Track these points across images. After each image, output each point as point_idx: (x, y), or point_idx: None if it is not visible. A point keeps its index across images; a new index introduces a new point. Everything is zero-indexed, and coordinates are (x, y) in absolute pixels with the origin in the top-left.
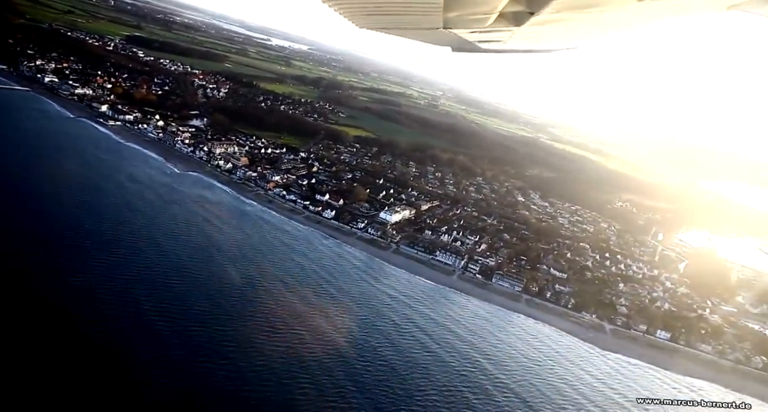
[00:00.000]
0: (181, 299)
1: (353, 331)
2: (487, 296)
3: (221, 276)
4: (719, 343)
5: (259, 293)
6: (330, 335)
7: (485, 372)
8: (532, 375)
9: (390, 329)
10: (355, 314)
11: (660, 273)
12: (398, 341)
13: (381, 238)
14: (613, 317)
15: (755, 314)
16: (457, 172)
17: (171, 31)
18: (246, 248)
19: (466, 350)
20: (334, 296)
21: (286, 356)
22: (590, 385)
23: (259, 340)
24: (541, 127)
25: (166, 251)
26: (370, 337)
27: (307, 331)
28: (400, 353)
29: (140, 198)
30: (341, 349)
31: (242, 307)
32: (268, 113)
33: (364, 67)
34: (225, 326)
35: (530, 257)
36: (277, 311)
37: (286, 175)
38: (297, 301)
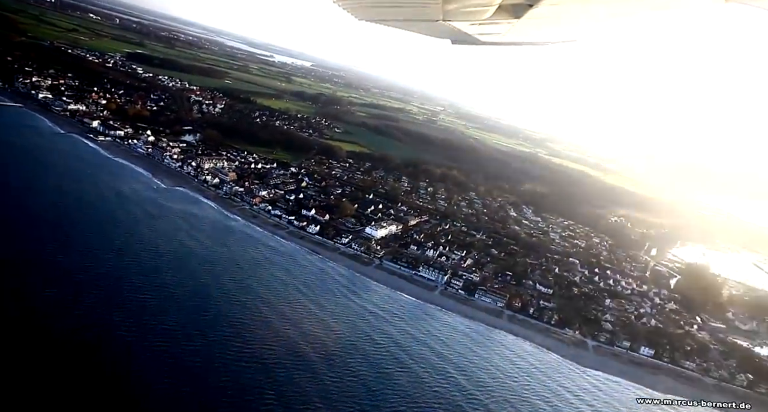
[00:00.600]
0: (154, 313)
1: (327, 346)
2: (468, 312)
3: (198, 291)
4: (704, 360)
5: (234, 307)
6: (303, 349)
7: (460, 388)
8: (507, 391)
9: (365, 344)
10: (331, 329)
11: (649, 289)
12: (372, 356)
13: (364, 253)
14: (597, 334)
15: (744, 331)
16: (449, 188)
17: (173, 48)
18: (225, 263)
19: (442, 365)
20: (311, 311)
21: (254, 371)
22: (567, 402)
23: (229, 355)
24: (540, 143)
25: (144, 264)
26: (344, 352)
27: (279, 346)
28: (373, 367)
29: (123, 212)
30: (312, 364)
31: (215, 321)
32: (262, 129)
33: (365, 83)
34: (194, 341)
35: (516, 273)
36: (251, 326)
37: (274, 191)
38: (273, 316)
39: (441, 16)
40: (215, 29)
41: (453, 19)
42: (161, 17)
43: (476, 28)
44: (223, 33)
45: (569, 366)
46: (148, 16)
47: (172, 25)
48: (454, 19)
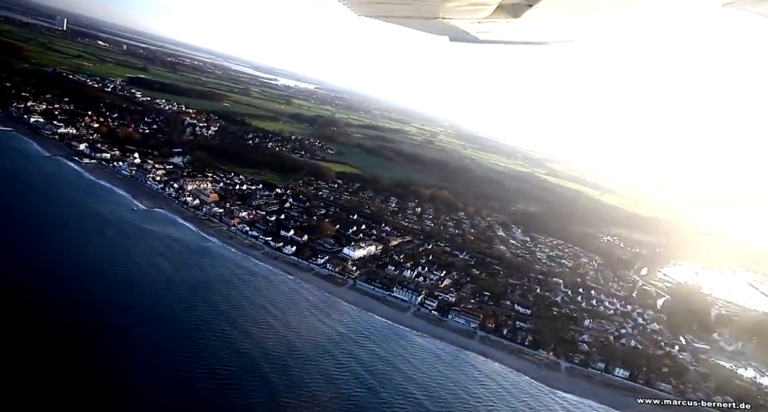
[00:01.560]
0: (116, 334)
1: (288, 365)
2: (439, 333)
3: (161, 311)
4: (681, 382)
5: (199, 328)
6: (261, 368)
7: (421, 408)
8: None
9: (328, 364)
10: (295, 349)
11: (633, 309)
12: (334, 376)
13: (339, 274)
14: (572, 355)
15: (729, 352)
16: (438, 208)
17: (176, 73)
18: (193, 283)
19: (405, 386)
20: (276, 331)
21: (208, 392)
22: None
23: (182, 374)
24: (539, 162)
25: (112, 284)
26: (304, 372)
27: (239, 366)
28: (333, 387)
29: (97, 233)
30: (269, 382)
31: (176, 343)
32: (253, 150)
33: (367, 105)
34: (152, 362)
35: (495, 293)
36: (213, 346)
37: (255, 211)
38: (237, 335)
39: (440, 13)
40: (223, 54)
41: (452, 17)
42: (171, 43)
43: (475, 26)
44: (230, 57)
45: (538, 388)
46: (157, 42)
47: (180, 50)
48: (452, 17)
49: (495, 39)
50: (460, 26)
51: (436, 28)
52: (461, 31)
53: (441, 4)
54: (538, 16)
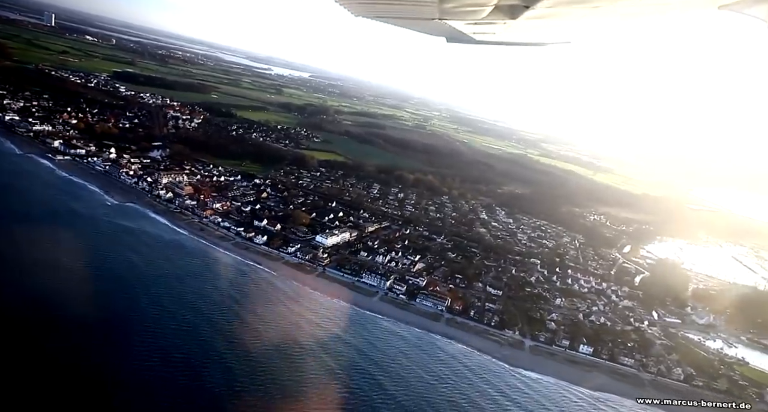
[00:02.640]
0: (62, 330)
1: (249, 349)
2: (404, 317)
3: (125, 304)
4: (645, 356)
5: (163, 318)
6: (224, 354)
7: (379, 388)
8: (427, 391)
9: (289, 347)
10: (258, 334)
11: (608, 286)
12: (294, 359)
13: (309, 262)
14: (537, 334)
15: (700, 325)
16: (421, 193)
17: (165, 66)
18: (157, 275)
19: (366, 368)
20: (241, 318)
21: (172, 375)
22: (490, 399)
23: (148, 364)
24: (533, 143)
25: (75, 277)
26: (265, 356)
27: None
28: (293, 369)
29: (64, 228)
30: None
31: (135, 330)
32: (235, 141)
33: (362, 92)
34: (112, 349)
35: (468, 275)
36: (170, 334)
37: (230, 203)
38: (200, 322)
39: (437, 14)
40: (218, 45)
41: (449, 18)
42: (165, 36)
43: (472, 27)
44: (225, 48)
45: (499, 366)
46: (151, 35)
47: (174, 42)
48: (450, 18)
49: (492, 40)
50: (458, 27)
51: (433, 28)
52: (458, 32)
53: (438, 5)
54: (535, 17)
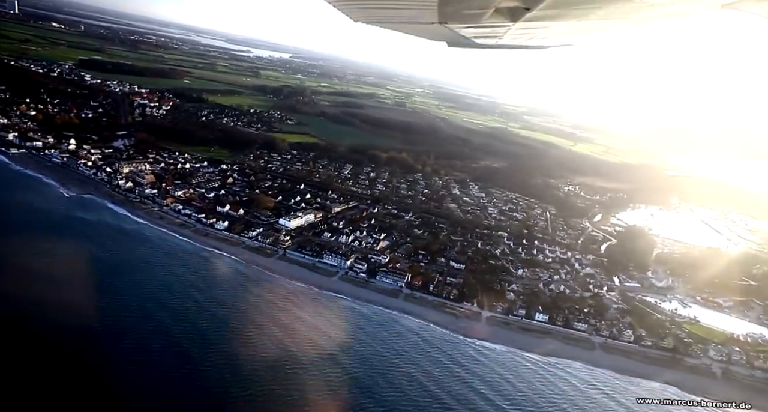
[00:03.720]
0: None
1: (202, 331)
2: (362, 294)
3: (74, 296)
4: (599, 320)
5: (113, 303)
6: (176, 335)
7: (334, 361)
8: (384, 365)
9: (247, 328)
10: (213, 316)
11: (573, 255)
12: (251, 340)
13: (270, 245)
14: (495, 304)
15: (659, 288)
16: (395, 171)
17: (136, 52)
18: (113, 265)
19: (320, 343)
20: (196, 302)
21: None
22: (447, 369)
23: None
24: (516, 117)
25: (25, 270)
26: (218, 335)
27: (154, 336)
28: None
29: (15, 223)
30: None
31: (87, 319)
32: (203, 127)
33: (344, 71)
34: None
35: (432, 251)
36: (125, 321)
37: (194, 189)
38: (153, 308)
39: (437, 18)
40: (196, 28)
41: (449, 22)
42: (140, 21)
43: (473, 31)
44: (203, 31)
45: (453, 338)
46: (125, 20)
47: (148, 27)
48: (450, 22)
49: (493, 43)
50: (458, 31)
51: (433, 33)
52: (459, 36)
53: (438, 9)
54: (536, 19)
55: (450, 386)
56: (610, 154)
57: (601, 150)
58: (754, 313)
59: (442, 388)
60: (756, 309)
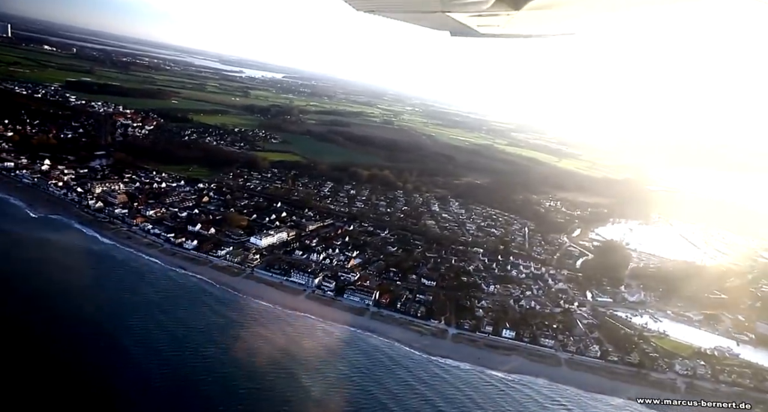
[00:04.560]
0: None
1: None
2: (327, 313)
3: (32, 316)
4: (567, 336)
5: (70, 321)
6: (133, 353)
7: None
8: (342, 383)
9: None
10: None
11: (547, 271)
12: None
13: (238, 264)
14: (462, 321)
15: (631, 302)
16: (375, 188)
17: (126, 73)
18: (69, 287)
19: (282, 361)
20: (157, 320)
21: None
22: (405, 387)
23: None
24: (503, 133)
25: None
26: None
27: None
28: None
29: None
30: (145, 371)
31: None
32: (184, 146)
33: (335, 90)
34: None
35: (404, 268)
36: (82, 343)
37: (167, 209)
38: (109, 325)
39: (440, 6)
40: (191, 50)
41: (452, 10)
42: (136, 43)
43: (475, 19)
44: (197, 52)
45: (415, 356)
46: (121, 43)
47: (144, 49)
48: (453, 10)
49: (496, 32)
50: (461, 20)
51: (436, 22)
52: (462, 25)
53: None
54: (539, 7)
55: (409, 404)
56: (594, 169)
57: (586, 165)
58: (723, 326)
59: (401, 405)
60: (725, 322)
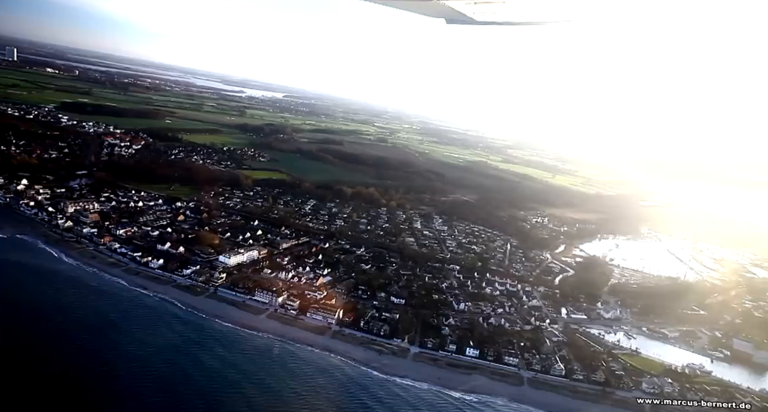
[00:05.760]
0: None
1: (114, 365)
2: (286, 332)
3: None
4: (534, 354)
5: (22, 348)
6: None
7: (240, 397)
8: (294, 402)
9: (159, 367)
10: (128, 356)
11: (523, 288)
12: (165, 377)
13: (202, 283)
14: (426, 340)
15: (606, 319)
16: (359, 205)
17: (126, 94)
18: (28, 308)
19: (235, 381)
20: (113, 340)
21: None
22: (359, 406)
23: None
24: (499, 150)
25: None
26: (136, 376)
27: (61, 375)
28: (165, 387)
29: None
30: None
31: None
32: (169, 165)
33: (335, 109)
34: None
35: (375, 286)
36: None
37: (140, 228)
38: (60, 345)
39: None
40: (195, 70)
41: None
42: (143, 65)
43: (471, 7)
44: (201, 73)
45: (371, 376)
46: (128, 65)
47: (148, 70)
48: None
49: (492, 20)
50: (456, 7)
51: (432, 9)
52: (457, 13)
53: None
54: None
55: None
56: (588, 185)
57: (581, 181)
58: (699, 343)
59: None
60: (702, 339)
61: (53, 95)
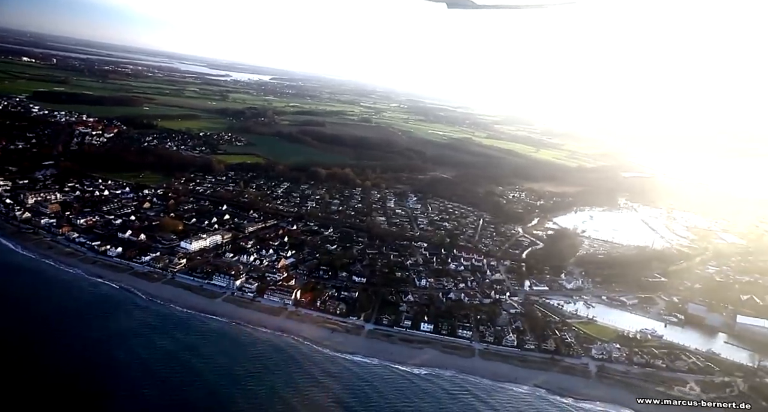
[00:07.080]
0: None
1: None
2: (240, 314)
3: None
4: (488, 326)
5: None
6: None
7: (197, 377)
8: (242, 381)
9: (109, 355)
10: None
11: (488, 262)
12: (115, 364)
13: (161, 269)
14: (381, 317)
15: (568, 290)
16: (334, 186)
17: (104, 82)
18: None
19: (186, 358)
20: (60, 330)
21: None
22: (302, 386)
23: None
24: (486, 126)
25: None
26: (70, 362)
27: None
28: (116, 374)
29: None
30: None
31: None
32: (140, 153)
33: (321, 90)
34: None
35: (336, 266)
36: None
37: (102, 216)
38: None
39: None
40: (181, 55)
41: None
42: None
43: None
44: (186, 58)
45: (320, 353)
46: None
47: (131, 56)
48: None
49: (493, 3)
50: None
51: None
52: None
53: None
54: None
55: (310, 399)
56: (572, 159)
57: (565, 155)
58: (656, 309)
59: (301, 402)
60: (659, 305)
61: (26, 85)
